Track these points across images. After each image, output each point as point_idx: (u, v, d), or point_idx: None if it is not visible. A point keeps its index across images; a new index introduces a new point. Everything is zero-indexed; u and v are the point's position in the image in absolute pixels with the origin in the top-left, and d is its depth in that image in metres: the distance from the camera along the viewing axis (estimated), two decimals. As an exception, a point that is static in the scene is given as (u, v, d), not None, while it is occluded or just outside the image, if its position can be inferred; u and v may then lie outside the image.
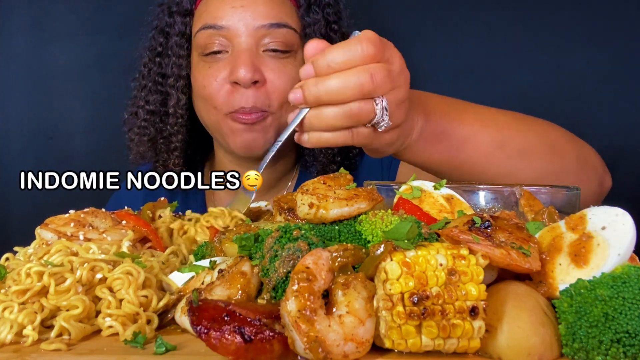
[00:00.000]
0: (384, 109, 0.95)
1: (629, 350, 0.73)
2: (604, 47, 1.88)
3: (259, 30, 1.50)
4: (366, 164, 1.80)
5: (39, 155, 2.12)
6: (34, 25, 2.09)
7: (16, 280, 0.93)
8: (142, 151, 1.70)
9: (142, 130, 1.67)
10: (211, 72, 1.53)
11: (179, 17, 1.60)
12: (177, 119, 1.63)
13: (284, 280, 0.85)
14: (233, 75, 1.49)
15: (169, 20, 1.62)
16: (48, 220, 1.15)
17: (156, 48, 1.64)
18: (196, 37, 1.57)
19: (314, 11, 1.58)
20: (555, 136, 1.33)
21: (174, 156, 1.67)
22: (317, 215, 0.94)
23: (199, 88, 1.56)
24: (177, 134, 1.65)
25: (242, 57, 1.48)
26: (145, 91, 1.66)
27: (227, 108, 1.52)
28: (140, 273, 0.94)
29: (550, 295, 0.84)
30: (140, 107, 1.67)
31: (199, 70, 1.57)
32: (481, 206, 1.11)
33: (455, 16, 1.98)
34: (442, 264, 0.77)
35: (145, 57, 1.68)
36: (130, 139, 1.72)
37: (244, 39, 1.50)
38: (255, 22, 1.49)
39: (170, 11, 1.62)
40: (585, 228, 0.87)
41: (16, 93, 2.10)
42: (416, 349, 0.77)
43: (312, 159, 1.71)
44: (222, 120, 1.55)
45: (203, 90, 1.55)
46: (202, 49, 1.55)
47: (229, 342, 0.74)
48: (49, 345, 0.84)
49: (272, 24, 1.50)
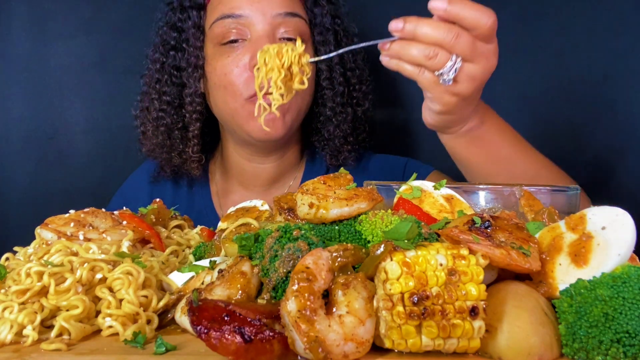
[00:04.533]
0: (453, 67, 1.10)
1: (629, 350, 0.73)
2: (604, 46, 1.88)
3: (275, 19, 1.56)
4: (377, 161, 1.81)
5: (39, 155, 2.11)
6: (34, 25, 2.08)
7: (16, 280, 0.93)
8: (157, 142, 1.70)
9: (158, 121, 1.68)
10: (231, 60, 1.57)
11: (194, 11, 1.63)
12: (195, 108, 1.65)
13: (284, 280, 0.85)
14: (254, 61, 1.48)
15: (181, 16, 1.65)
16: (48, 220, 1.15)
17: (169, 42, 1.67)
18: (212, 27, 1.60)
19: (321, 4, 1.67)
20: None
21: (192, 144, 1.68)
22: (317, 215, 0.94)
23: (219, 77, 1.59)
24: (194, 123, 1.67)
25: (263, 43, 1.52)
26: (159, 84, 1.68)
27: (247, 92, 1.56)
28: (140, 273, 0.94)
29: (550, 295, 0.84)
30: (155, 99, 1.69)
31: (217, 59, 1.60)
32: (481, 206, 1.11)
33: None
34: (442, 264, 0.77)
35: (156, 53, 1.69)
36: (143, 132, 1.73)
37: (261, 27, 1.55)
38: (271, 11, 1.56)
39: (183, 6, 1.65)
40: (585, 228, 0.88)
41: (16, 93, 2.10)
42: (416, 349, 0.77)
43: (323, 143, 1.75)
44: (240, 107, 1.58)
45: (224, 78, 1.58)
46: (219, 38, 1.59)
47: (229, 342, 0.74)
48: (49, 345, 0.85)
49: (287, 13, 1.57)
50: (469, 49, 1.09)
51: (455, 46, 1.08)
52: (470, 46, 1.09)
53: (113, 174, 2.02)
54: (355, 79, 1.73)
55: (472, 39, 1.10)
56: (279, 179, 1.78)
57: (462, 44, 1.08)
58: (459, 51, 1.09)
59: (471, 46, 1.10)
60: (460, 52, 1.09)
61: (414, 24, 1.10)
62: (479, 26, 1.09)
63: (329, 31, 1.67)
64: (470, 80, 1.13)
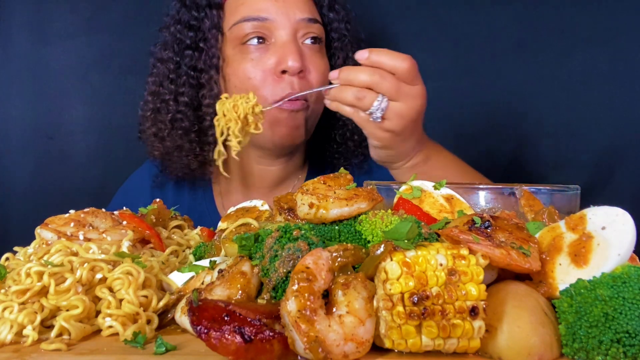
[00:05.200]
0: (380, 106, 1.27)
1: (629, 350, 0.73)
2: (604, 46, 1.88)
3: (299, 24, 1.57)
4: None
5: (39, 155, 2.11)
6: (34, 25, 2.08)
7: (16, 280, 0.93)
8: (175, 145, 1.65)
9: (175, 123, 1.64)
10: (254, 63, 1.56)
11: (212, 10, 1.61)
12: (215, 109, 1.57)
13: (284, 280, 0.85)
14: (282, 65, 1.54)
15: (197, 14, 1.63)
16: (48, 220, 1.15)
17: (184, 41, 1.63)
18: (233, 29, 1.58)
19: (336, 10, 1.68)
20: None
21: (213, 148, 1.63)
22: (317, 215, 0.94)
23: (242, 80, 1.58)
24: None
25: (290, 47, 1.54)
26: (174, 85, 1.64)
27: (272, 97, 1.55)
28: (140, 273, 0.94)
29: (550, 295, 0.84)
30: (169, 100, 1.64)
31: (239, 62, 1.58)
32: (481, 206, 1.11)
33: (455, 16, 1.98)
34: (442, 264, 0.77)
35: (167, 52, 1.65)
36: (155, 134, 1.68)
37: (286, 31, 1.56)
38: (295, 16, 1.57)
39: (198, 5, 1.63)
40: (585, 228, 0.87)
41: (16, 93, 2.10)
42: (416, 349, 0.77)
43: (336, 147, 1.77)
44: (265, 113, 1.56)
45: (247, 82, 1.57)
46: (240, 40, 1.58)
47: (229, 342, 0.74)
48: (49, 345, 0.85)
49: (309, 19, 1.59)
50: (394, 89, 1.25)
51: (380, 87, 1.25)
52: (394, 87, 1.25)
53: (113, 174, 2.02)
54: None
55: (396, 81, 1.26)
56: (283, 180, 1.78)
57: (386, 85, 1.25)
58: (384, 91, 1.26)
59: (395, 87, 1.25)
60: (385, 92, 1.26)
61: (347, 71, 1.29)
62: (397, 70, 1.25)
63: (345, 37, 1.69)
64: (398, 118, 1.28)
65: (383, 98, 1.26)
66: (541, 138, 1.97)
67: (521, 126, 1.98)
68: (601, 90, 1.91)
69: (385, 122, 1.29)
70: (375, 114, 1.27)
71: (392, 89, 1.26)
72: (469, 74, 1.99)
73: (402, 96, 1.27)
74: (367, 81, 1.26)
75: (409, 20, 2.01)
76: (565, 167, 1.95)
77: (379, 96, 1.26)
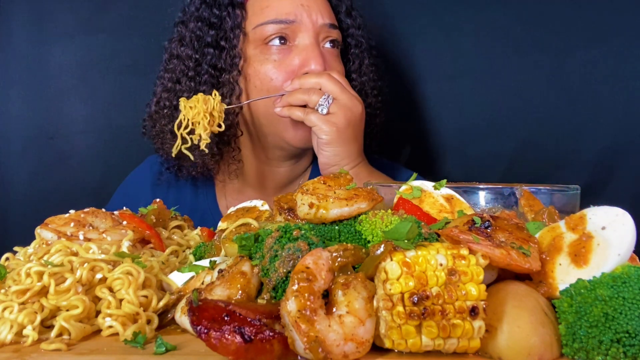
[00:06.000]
0: (326, 101, 1.50)
1: (629, 350, 0.73)
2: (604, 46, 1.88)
3: (321, 28, 1.61)
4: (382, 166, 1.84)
5: (39, 155, 2.11)
6: (34, 25, 2.08)
7: (16, 280, 0.93)
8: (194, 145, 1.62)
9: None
10: (277, 64, 1.58)
11: (236, 10, 1.62)
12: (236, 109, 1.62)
13: (284, 280, 0.85)
14: (305, 68, 1.57)
15: (218, 13, 1.63)
16: (48, 220, 1.15)
17: (204, 39, 1.63)
18: (257, 29, 1.59)
19: (353, 16, 1.72)
20: None
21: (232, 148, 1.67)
22: (317, 215, 0.94)
23: (263, 81, 1.59)
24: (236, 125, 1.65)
25: (313, 51, 1.57)
26: (193, 82, 1.63)
27: None
28: (140, 273, 0.94)
29: (550, 295, 0.84)
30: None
31: (261, 62, 1.59)
32: (481, 206, 1.11)
33: (455, 16, 1.98)
34: (442, 264, 0.77)
35: (185, 49, 1.64)
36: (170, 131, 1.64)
37: (309, 34, 1.59)
38: (318, 20, 1.60)
39: (220, 4, 1.63)
40: (585, 228, 0.87)
41: (16, 93, 2.10)
42: (416, 349, 0.77)
43: None
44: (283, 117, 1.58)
45: (269, 83, 1.59)
46: (262, 41, 1.59)
47: (229, 342, 0.74)
48: (49, 345, 0.85)
49: (330, 24, 1.63)
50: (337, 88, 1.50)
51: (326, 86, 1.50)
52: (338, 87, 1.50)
53: (113, 174, 2.02)
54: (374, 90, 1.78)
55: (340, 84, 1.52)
56: (291, 181, 1.79)
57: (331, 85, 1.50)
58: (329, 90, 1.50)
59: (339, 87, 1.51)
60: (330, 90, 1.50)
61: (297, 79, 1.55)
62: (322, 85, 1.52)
63: (362, 43, 1.72)
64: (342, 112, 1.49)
65: (329, 96, 1.49)
66: (541, 138, 1.97)
67: (521, 126, 1.97)
68: (601, 90, 1.91)
69: (330, 115, 1.49)
70: (322, 107, 1.49)
71: (336, 87, 1.50)
72: (469, 74, 1.99)
73: (344, 94, 1.50)
74: (314, 83, 1.51)
75: (409, 20, 2.01)
76: (565, 167, 1.95)
77: (325, 94, 1.49)
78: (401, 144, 2.06)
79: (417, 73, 2.02)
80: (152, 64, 1.77)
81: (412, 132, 2.05)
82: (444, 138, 2.03)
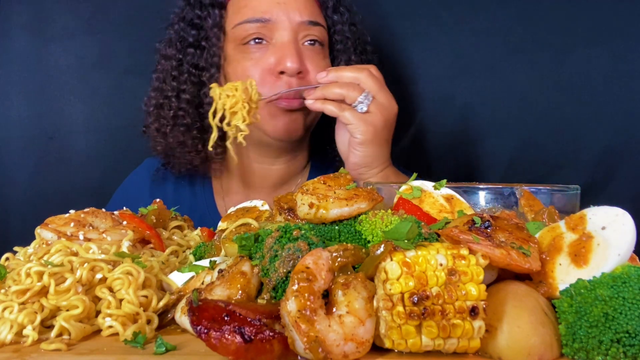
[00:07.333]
0: (366, 99, 1.44)
1: (629, 350, 0.73)
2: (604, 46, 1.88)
3: (300, 25, 1.60)
4: None
5: (39, 155, 2.11)
6: (34, 25, 2.08)
7: (16, 280, 0.93)
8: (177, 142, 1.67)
9: (177, 120, 1.67)
10: (254, 63, 1.58)
11: (215, 10, 1.63)
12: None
13: (284, 280, 0.85)
14: (280, 66, 1.56)
15: (200, 13, 1.65)
16: (48, 220, 1.15)
17: (187, 39, 1.66)
18: (236, 29, 1.60)
19: (341, 12, 1.70)
20: None
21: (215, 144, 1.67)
22: (317, 215, 0.94)
23: (242, 78, 1.57)
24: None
25: (289, 48, 1.56)
26: (176, 82, 1.67)
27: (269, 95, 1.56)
28: (140, 273, 0.94)
29: (550, 295, 0.84)
30: (172, 96, 1.67)
31: (239, 61, 1.60)
32: (481, 206, 1.11)
33: (454, 16, 1.98)
34: (442, 264, 0.77)
35: (170, 49, 1.68)
36: (158, 130, 1.70)
37: (287, 32, 1.58)
38: (296, 18, 1.59)
39: (202, 4, 1.65)
40: (585, 228, 0.87)
41: (16, 93, 2.10)
42: (416, 349, 0.77)
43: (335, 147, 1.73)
44: (262, 107, 1.57)
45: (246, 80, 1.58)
46: (241, 40, 1.60)
47: (229, 342, 0.74)
48: (49, 345, 0.85)
49: (310, 21, 1.61)
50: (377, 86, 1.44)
51: (366, 83, 1.44)
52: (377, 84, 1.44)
53: (113, 174, 2.02)
54: None
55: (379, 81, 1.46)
56: (286, 181, 1.79)
57: (371, 82, 1.44)
58: (369, 87, 1.44)
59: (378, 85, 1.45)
60: (369, 88, 1.44)
61: (334, 71, 1.49)
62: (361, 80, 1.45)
63: (348, 39, 1.70)
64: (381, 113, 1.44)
65: (369, 93, 1.44)
66: (541, 138, 1.96)
67: (521, 126, 1.97)
68: (601, 90, 1.91)
69: (367, 114, 1.44)
70: (361, 105, 1.43)
71: (375, 85, 1.44)
72: (469, 74, 1.99)
73: (382, 93, 1.45)
74: (353, 77, 1.45)
75: (409, 21, 2.01)
76: (565, 167, 1.94)
77: (364, 91, 1.44)
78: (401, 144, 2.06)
79: (417, 73, 2.02)
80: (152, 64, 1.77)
81: (412, 132, 2.04)
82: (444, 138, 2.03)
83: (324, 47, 1.66)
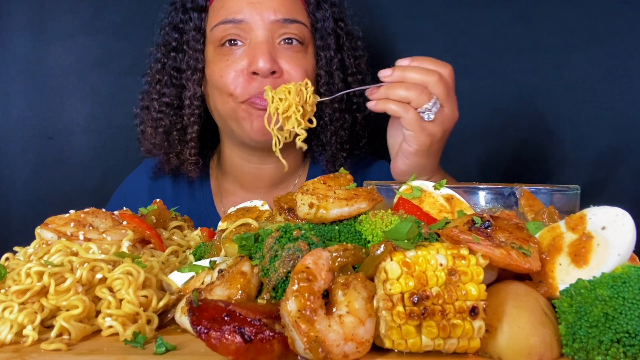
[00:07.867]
0: (434, 106, 1.31)
1: (629, 350, 0.73)
2: (604, 46, 1.88)
3: (274, 24, 1.57)
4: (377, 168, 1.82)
5: (39, 155, 2.11)
6: (34, 25, 2.08)
7: (16, 280, 0.93)
8: (155, 143, 1.71)
9: (157, 122, 1.70)
10: (229, 64, 1.58)
11: (195, 13, 1.64)
12: (194, 110, 1.66)
13: (284, 280, 0.85)
14: (252, 66, 1.54)
15: (183, 17, 1.66)
16: (48, 220, 1.15)
17: (171, 43, 1.68)
18: (213, 31, 1.61)
19: (323, 8, 1.66)
20: None
21: (190, 147, 1.70)
22: (317, 215, 0.94)
23: (216, 79, 1.60)
24: (192, 125, 1.68)
25: (261, 48, 1.54)
26: (160, 85, 1.69)
27: (243, 96, 1.56)
28: (140, 273, 0.94)
29: (550, 295, 0.84)
30: (155, 99, 1.70)
31: (216, 62, 1.61)
32: (481, 206, 1.11)
33: (455, 16, 1.97)
34: (442, 264, 0.77)
35: (158, 53, 1.70)
36: (142, 131, 1.74)
37: (260, 32, 1.56)
38: (270, 17, 1.57)
39: (185, 8, 1.66)
40: (585, 228, 0.87)
41: (16, 93, 2.10)
42: (416, 349, 0.77)
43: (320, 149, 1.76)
44: (238, 107, 1.59)
45: (220, 80, 1.59)
46: (218, 42, 1.60)
47: (229, 342, 0.74)
48: (49, 345, 0.85)
49: (285, 19, 1.58)
50: (445, 93, 1.31)
51: (435, 87, 1.30)
52: (445, 91, 1.31)
53: (113, 174, 2.02)
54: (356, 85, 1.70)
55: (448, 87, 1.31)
56: (282, 180, 1.78)
57: (441, 88, 1.30)
58: (438, 93, 1.30)
59: (446, 91, 1.31)
60: (438, 94, 1.30)
61: (400, 70, 1.33)
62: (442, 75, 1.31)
63: (330, 35, 1.66)
64: (442, 123, 1.32)
65: (437, 101, 1.31)
66: (541, 138, 1.96)
67: (521, 126, 1.97)
68: (601, 90, 1.91)
69: (431, 124, 1.31)
70: (428, 114, 1.31)
71: (444, 92, 1.31)
72: (469, 74, 1.99)
73: (449, 102, 1.32)
74: (422, 80, 1.30)
75: (409, 20, 2.01)
76: (565, 167, 1.94)
77: (433, 97, 1.30)
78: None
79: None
80: (151, 65, 1.78)
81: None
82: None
83: (305, 45, 1.63)
